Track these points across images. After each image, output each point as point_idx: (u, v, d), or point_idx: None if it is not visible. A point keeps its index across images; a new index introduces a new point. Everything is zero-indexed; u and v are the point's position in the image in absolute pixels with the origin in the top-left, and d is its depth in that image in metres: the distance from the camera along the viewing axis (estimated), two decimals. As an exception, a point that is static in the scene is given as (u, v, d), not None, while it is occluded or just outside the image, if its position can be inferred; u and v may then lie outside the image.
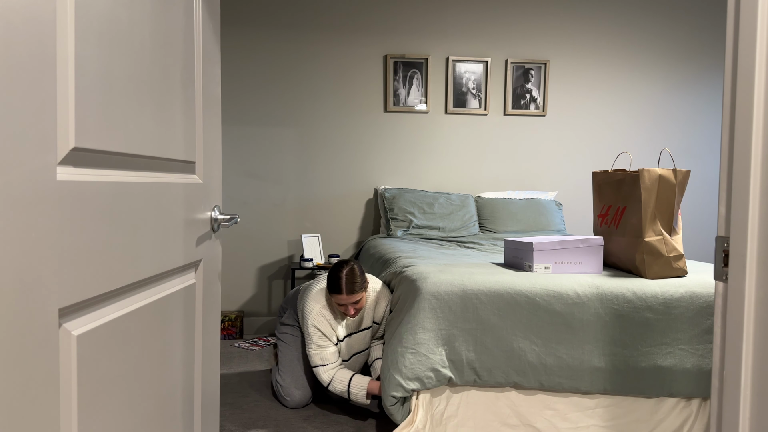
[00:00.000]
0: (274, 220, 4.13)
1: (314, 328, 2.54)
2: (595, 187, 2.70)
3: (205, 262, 1.36)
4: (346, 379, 2.49)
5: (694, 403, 2.29)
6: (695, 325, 2.25)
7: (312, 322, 2.54)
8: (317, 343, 2.53)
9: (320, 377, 2.53)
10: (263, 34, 4.07)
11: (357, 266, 2.53)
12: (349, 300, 2.48)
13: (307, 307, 2.58)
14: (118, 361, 0.95)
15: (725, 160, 1.03)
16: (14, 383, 0.68)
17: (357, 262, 2.57)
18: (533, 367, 2.23)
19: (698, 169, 4.50)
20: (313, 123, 4.14)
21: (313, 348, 2.54)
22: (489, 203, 4.05)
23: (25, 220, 0.69)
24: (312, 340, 2.54)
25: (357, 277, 2.49)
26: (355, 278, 2.48)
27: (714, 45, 4.45)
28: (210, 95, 1.37)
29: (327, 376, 2.51)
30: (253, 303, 4.15)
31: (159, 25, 1.08)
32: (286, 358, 2.78)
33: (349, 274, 2.48)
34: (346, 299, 2.48)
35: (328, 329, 2.55)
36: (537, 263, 2.44)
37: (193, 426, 1.33)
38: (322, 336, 2.54)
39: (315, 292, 2.63)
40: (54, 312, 0.76)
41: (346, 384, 2.48)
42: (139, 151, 1.01)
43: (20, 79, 0.68)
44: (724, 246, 1.03)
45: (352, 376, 2.50)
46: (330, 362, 2.53)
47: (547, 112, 4.32)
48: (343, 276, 2.47)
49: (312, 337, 2.54)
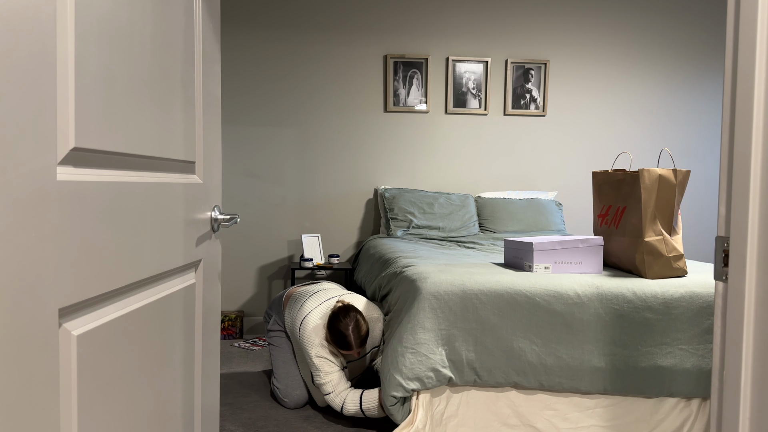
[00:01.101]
0: (274, 220, 4.13)
1: (319, 359, 2.51)
2: (595, 187, 2.70)
3: (205, 262, 1.36)
4: (356, 398, 2.47)
5: (694, 403, 2.29)
6: (695, 325, 2.25)
7: (316, 354, 2.51)
8: (326, 371, 2.50)
9: (333, 403, 2.50)
10: (263, 34, 4.07)
11: (359, 315, 2.49)
12: (357, 350, 2.48)
13: (307, 342, 2.54)
14: (118, 361, 0.95)
15: (725, 160, 1.03)
16: (14, 383, 0.68)
17: (355, 309, 2.52)
18: (533, 367, 2.23)
19: (698, 169, 4.50)
20: (313, 123, 4.14)
21: (323, 377, 2.50)
22: (489, 203, 4.05)
23: (25, 220, 0.69)
24: (320, 370, 2.50)
25: (363, 328, 2.46)
26: (361, 331, 2.46)
27: (714, 45, 4.45)
28: (210, 95, 1.37)
29: (339, 400, 2.49)
30: (253, 303, 4.15)
31: (159, 25, 1.08)
32: (279, 361, 2.78)
33: (356, 329, 2.45)
34: (354, 351, 2.47)
35: (333, 357, 2.53)
36: (537, 263, 2.44)
37: (193, 426, 1.33)
38: (329, 362, 2.51)
39: (312, 327, 2.56)
40: (54, 312, 0.76)
41: (357, 403, 2.46)
42: (139, 151, 1.01)
43: (20, 79, 0.68)
44: (724, 246, 1.03)
45: (362, 393, 2.48)
46: (340, 387, 2.50)
47: (547, 112, 4.32)
48: (350, 333, 2.43)
49: (319, 367, 2.51)
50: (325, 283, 2.92)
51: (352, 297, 2.73)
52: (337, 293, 2.77)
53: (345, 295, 2.75)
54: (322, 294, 2.74)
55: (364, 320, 2.50)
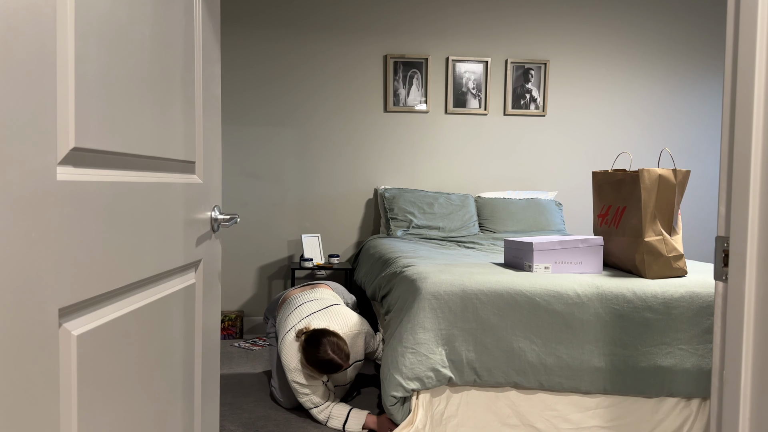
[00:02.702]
0: (274, 220, 4.13)
1: (295, 383, 2.47)
2: (595, 187, 2.70)
3: (205, 262, 1.36)
4: (342, 415, 2.45)
5: (694, 403, 2.29)
6: (695, 325, 2.25)
7: (292, 378, 2.47)
8: (304, 392, 2.47)
9: (316, 418, 2.49)
10: (263, 34, 4.07)
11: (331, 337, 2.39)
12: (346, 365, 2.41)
13: (285, 364, 2.49)
14: (118, 361, 0.95)
15: (725, 160, 1.03)
16: (14, 383, 0.68)
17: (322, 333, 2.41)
18: (533, 367, 2.23)
19: (698, 169, 4.50)
20: (313, 123, 4.14)
21: (302, 397, 2.48)
22: (489, 203, 4.05)
23: (25, 220, 0.69)
24: (298, 391, 2.47)
25: (343, 352, 2.39)
26: (342, 355, 2.38)
27: (714, 45, 4.45)
28: (210, 95, 1.37)
29: (323, 416, 2.48)
30: (253, 303, 4.15)
31: (159, 25, 1.08)
32: (276, 362, 2.78)
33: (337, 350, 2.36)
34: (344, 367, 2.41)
35: (311, 380, 2.48)
36: (537, 263, 2.44)
37: (193, 426, 1.33)
38: (307, 385, 2.47)
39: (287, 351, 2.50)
40: (54, 312, 0.76)
41: (342, 420, 2.44)
42: (139, 151, 1.01)
43: (20, 79, 0.68)
44: (724, 246, 1.03)
45: (350, 411, 2.46)
46: (322, 403, 2.49)
47: (547, 112, 4.32)
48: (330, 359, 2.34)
49: (297, 389, 2.48)
50: (319, 290, 2.87)
51: (338, 310, 2.66)
52: (329, 303, 2.72)
53: (333, 306, 2.68)
54: (309, 306, 2.68)
55: (339, 338, 2.43)
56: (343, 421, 2.45)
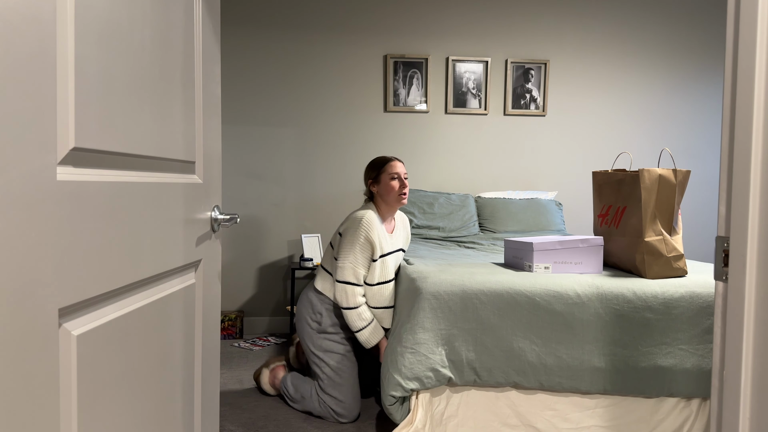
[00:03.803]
0: (274, 220, 4.13)
1: (364, 240, 2.52)
2: (595, 187, 2.70)
3: (205, 262, 1.36)
4: (367, 319, 2.53)
5: (694, 403, 2.29)
6: (695, 325, 2.25)
7: (366, 228, 2.51)
8: (359, 260, 2.52)
9: (344, 294, 2.52)
10: (263, 34, 4.07)
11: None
12: (403, 170, 2.63)
13: (360, 215, 2.55)
14: (118, 361, 0.95)
15: (725, 160, 1.03)
16: (14, 383, 0.68)
17: None
18: (533, 367, 2.23)
19: (698, 169, 4.50)
20: (313, 123, 4.14)
21: (350, 262, 2.52)
22: (489, 203, 4.05)
23: (25, 220, 0.69)
24: (356, 254, 2.52)
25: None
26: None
27: (714, 45, 4.45)
28: (210, 95, 1.37)
29: (354, 301, 2.52)
30: (253, 303, 4.14)
31: (159, 25, 1.08)
32: (346, 372, 2.56)
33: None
34: (401, 167, 2.63)
35: (376, 241, 2.52)
36: (537, 263, 2.44)
37: (193, 426, 1.33)
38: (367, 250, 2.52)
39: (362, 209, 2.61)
40: (54, 312, 0.76)
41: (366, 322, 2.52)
42: (139, 151, 1.01)
43: (20, 79, 0.68)
44: (724, 246, 1.03)
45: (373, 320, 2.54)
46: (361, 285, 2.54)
47: (547, 112, 4.32)
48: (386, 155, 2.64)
49: (356, 252, 2.52)
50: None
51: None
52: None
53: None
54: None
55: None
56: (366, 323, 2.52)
